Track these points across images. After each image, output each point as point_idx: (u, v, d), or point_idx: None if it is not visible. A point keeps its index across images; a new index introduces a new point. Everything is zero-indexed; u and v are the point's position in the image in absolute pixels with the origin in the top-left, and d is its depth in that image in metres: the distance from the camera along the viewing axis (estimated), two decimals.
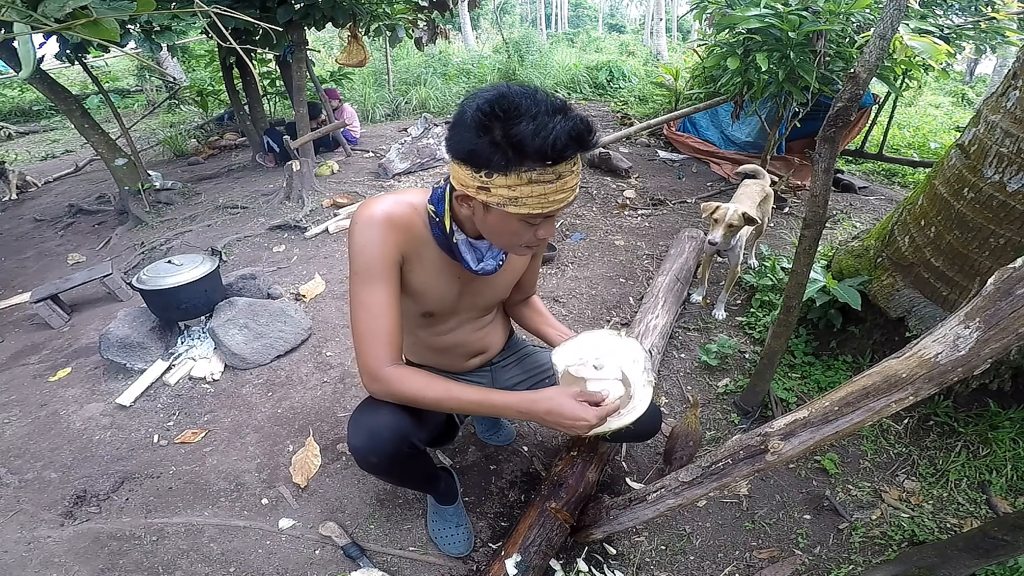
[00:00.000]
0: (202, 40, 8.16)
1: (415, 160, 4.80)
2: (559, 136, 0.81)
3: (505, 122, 0.82)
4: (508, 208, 0.89)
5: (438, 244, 1.11)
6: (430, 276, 1.14)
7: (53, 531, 1.63)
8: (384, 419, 1.14)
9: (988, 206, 1.68)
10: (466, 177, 0.90)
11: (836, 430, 1.06)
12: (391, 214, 1.04)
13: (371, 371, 1.07)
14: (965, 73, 11.79)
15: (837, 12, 3.01)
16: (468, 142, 0.85)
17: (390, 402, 1.13)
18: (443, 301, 1.21)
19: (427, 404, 1.08)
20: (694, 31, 11.90)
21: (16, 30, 0.76)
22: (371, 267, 1.04)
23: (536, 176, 0.85)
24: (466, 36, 13.71)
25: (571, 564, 1.51)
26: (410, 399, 1.08)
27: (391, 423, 1.14)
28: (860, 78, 1.29)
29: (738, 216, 2.22)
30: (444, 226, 1.07)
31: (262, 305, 2.45)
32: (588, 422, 1.00)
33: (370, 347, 1.06)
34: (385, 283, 1.05)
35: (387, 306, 1.05)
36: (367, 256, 1.03)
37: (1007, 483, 1.70)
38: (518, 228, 0.95)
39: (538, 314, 1.48)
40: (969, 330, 0.91)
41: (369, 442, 1.13)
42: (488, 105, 0.83)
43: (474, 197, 0.92)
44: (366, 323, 1.05)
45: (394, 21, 5.04)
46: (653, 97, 7.05)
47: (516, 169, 0.84)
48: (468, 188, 0.92)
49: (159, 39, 3.22)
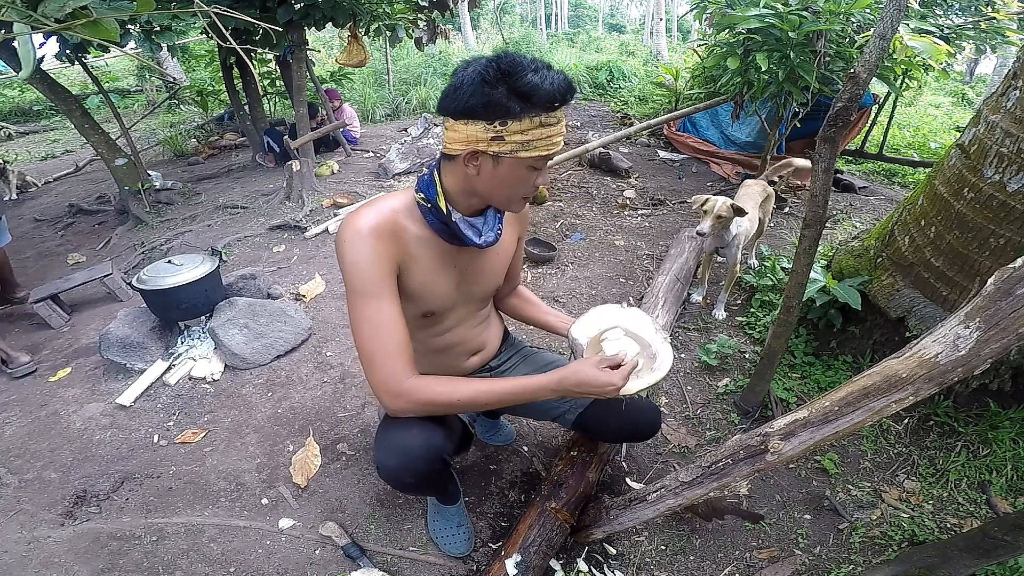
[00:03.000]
0: (202, 40, 8.16)
1: (415, 160, 4.80)
2: (559, 84, 0.93)
3: (513, 76, 0.91)
4: (520, 153, 0.97)
5: (434, 231, 1.11)
6: (428, 274, 1.14)
7: (53, 531, 1.63)
8: (417, 438, 1.14)
9: (988, 206, 1.68)
10: (478, 131, 0.95)
11: (836, 430, 1.06)
12: (376, 225, 1.04)
13: (391, 389, 1.05)
14: (965, 73, 11.80)
15: (837, 12, 3.01)
16: (482, 96, 0.92)
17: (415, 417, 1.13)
18: (443, 296, 1.20)
19: (460, 406, 1.08)
20: (694, 31, 11.91)
21: (16, 30, 0.76)
22: (368, 283, 1.03)
23: (543, 120, 0.95)
24: (466, 36, 13.71)
25: (571, 564, 1.51)
26: (441, 405, 1.07)
27: (424, 441, 1.14)
28: (860, 78, 1.30)
29: (727, 207, 2.23)
30: (440, 208, 1.07)
31: (262, 305, 2.45)
32: (615, 385, 1.06)
33: (384, 364, 1.04)
34: (385, 297, 1.04)
35: (392, 319, 1.04)
36: (362, 273, 1.02)
37: (1007, 483, 1.70)
38: (525, 175, 1.02)
39: (531, 304, 1.51)
40: (969, 330, 0.91)
41: (405, 462, 1.13)
42: (494, 64, 0.92)
43: (485, 151, 0.97)
44: (374, 340, 1.04)
45: (394, 21, 5.04)
46: (653, 97, 7.05)
47: (528, 115, 0.94)
48: (480, 143, 0.96)
49: (159, 39, 3.22)
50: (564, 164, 4.63)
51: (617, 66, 8.54)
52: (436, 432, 1.17)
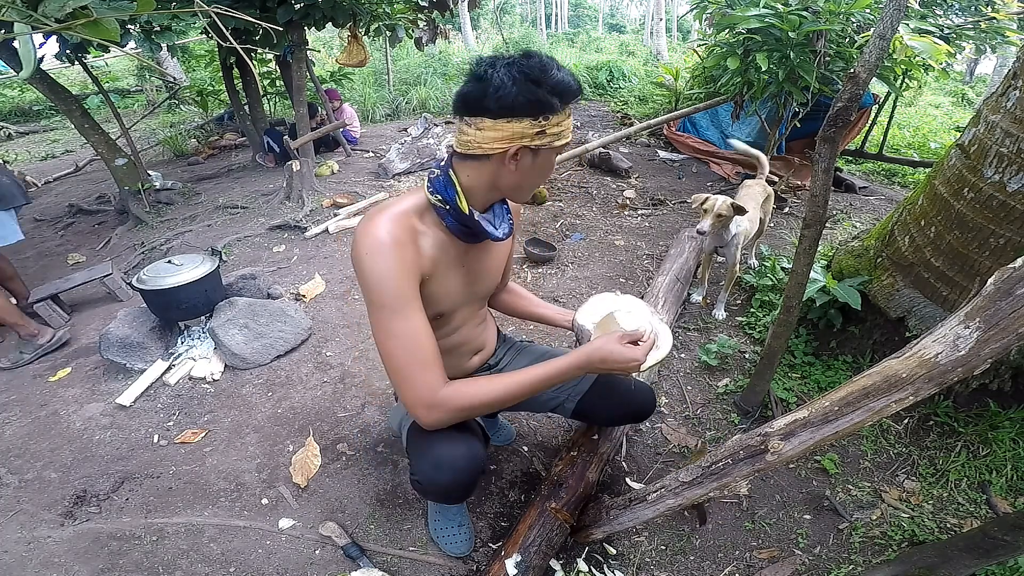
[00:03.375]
0: (202, 40, 8.16)
1: (415, 160, 4.80)
2: (575, 79, 1.01)
3: (546, 74, 0.96)
4: (555, 143, 1.02)
5: (451, 232, 1.11)
6: (442, 276, 1.14)
7: (53, 531, 1.63)
8: (460, 449, 1.16)
9: (988, 206, 1.68)
10: (523, 128, 0.98)
11: (836, 430, 1.06)
12: (397, 235, 1.02)
13: (426, 400, 1.04)
14: (965, 73, 11.80)
15: (837, 12, 3.01)
16: (530, 94, 0.95)
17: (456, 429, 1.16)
18: (454, 296, 1.20)
19: (496, 405, 1.09)
20: (694, 31, 11.91)
21: (16, 30, 0.76)
22: (394, 298, 1.01)
23: (567, 110, 1.02)
24: (466, 36, 13.72)
25: (571, 564, 1.51)
26: (478, 408, 1.08)
27: (468, 452, 1.17)
28: (860, 78, 1.30)
29: (727, 206, 2.24)
30: (459, 209, 1.06)
31: (262, 305, 2.45)
32: (639, 359, 1.11)
33: (418, 377, 1.03)
34: (412, 308, 1.03)
35: (422, 331, 1.03)
36: (387, 287, 1.00)
37: (1007, 483, 1.70)
38: (552, 162, 1.08)
39: (524, 298, 1.55)
40: (969, 330, 0.91)
41: (456, 477, 1.15)
42: (529, 63, 0.96)
43: (528, 146, 1.00)
44: (406, 354, 1.02)
45: (394, 21, 5.04)
46: (653, 97, 7.05)
47: (561, 108, 1.00)
48: (524, 138, 0.99)
49: (159, 39, 3.22)
50: (564, 164, 4.63)
51: (617, 66, 8.54)
52: (475, 441, 1.20)
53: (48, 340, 2.54)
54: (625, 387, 1.49)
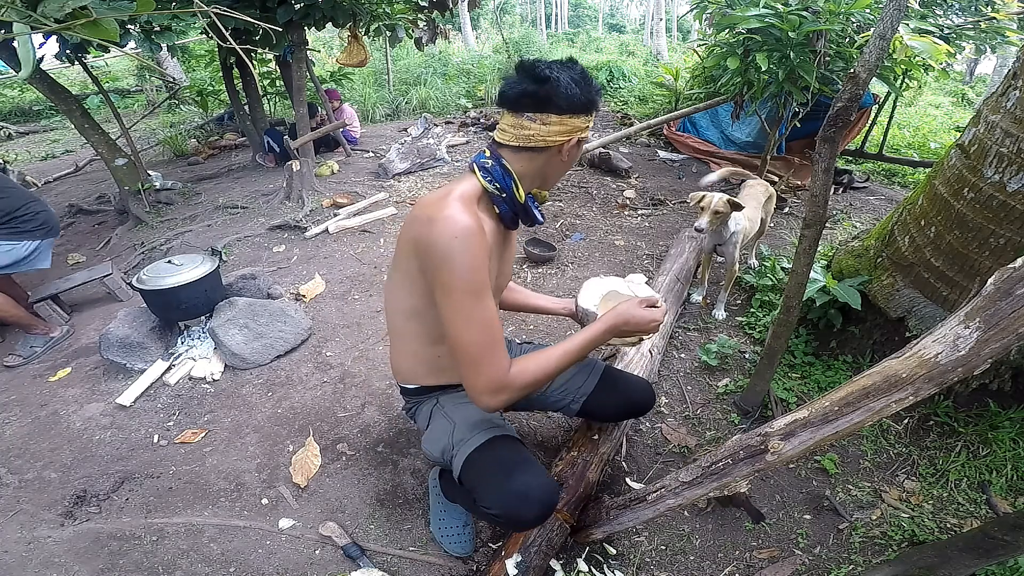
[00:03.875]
0: (202, 40, 8.16)
1: (415, 160, 4.80)
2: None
3: (590, 79, 1.11)
4: (586, 134, 1.14)
5: (501, 218, 1.18)
6: (494, 262, 1.20)
7: (53, 531, 1.63)
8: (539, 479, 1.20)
9: (988, 206, 1.68)
10: (580, 123, 1.11)
11: (836, 430, 1.06)
12: (475, 220, 1.06)
13: (497, 383, 1.08)
14: (965, 73, 11.79)
15: (837, 12, 3.01)
16: (585, 94, 1.08)
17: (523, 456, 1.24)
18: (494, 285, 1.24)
19: (549, 379, 1.15)
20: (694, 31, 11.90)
21: (16, 30, 0.76)
22: (480, 283, 1.05)
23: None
24: (466, 36, 13.71)
25: (571, 564, 1.51)
26: (538, 383, 1.13)
27: (547, 482, 1.21)
28: (860, 78, 1.29)
29: (723, 203, 2.25)
30: (515, 196, 1.14)
31: (262, 305, 2.45)
32: (659, 320, 1.23)
33: (492, 360, 1.07)
34: (489, 293, 1.08)
35: (495, 315, 1.10)
36: (475, 272, 1.04)
37: (1007, 483, 1.70)
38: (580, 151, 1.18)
39: (518, 291, 1.61)
40: (969, 330, 0.91)
41: (541, 510, 1.18)
42: (581, 71, 1.10)
43: (578, 137, 1.12)
44: (484, 338, 1.06)
45: (394, 21, 5.04)
46: (653, 97, 7.05)
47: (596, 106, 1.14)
48: (580, 132, 1.12)
49: (159, 39, 3.22)
50: None
51: (617, 66, 8.53)
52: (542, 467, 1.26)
53: (60, 334, 2.64)
54: (626, 384, 1.55)
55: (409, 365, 1.36)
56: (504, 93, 1.09)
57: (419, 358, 1.33)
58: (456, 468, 1.27)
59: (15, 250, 2.51)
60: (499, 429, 1.31)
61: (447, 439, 1.31)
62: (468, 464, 1.25)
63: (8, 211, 2.47)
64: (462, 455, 1.26)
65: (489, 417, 1.35)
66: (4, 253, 2.49)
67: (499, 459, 1.23)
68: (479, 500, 1.22)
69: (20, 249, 2.52)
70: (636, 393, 1.55)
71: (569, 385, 1.53)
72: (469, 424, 1.32)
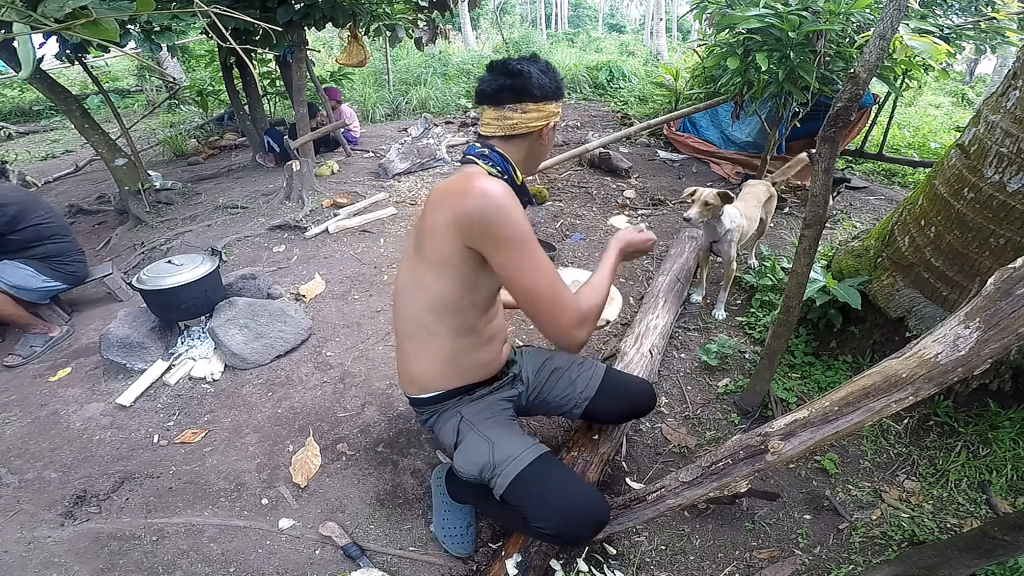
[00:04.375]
0: (202, 40, 8.15)
1: (415, 160, 4.79)
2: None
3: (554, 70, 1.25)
4: (558, 118, 1.28)
5: None
6: None
7: (53, 531, 1.63)
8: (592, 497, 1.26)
9: (988, 206, 1.68)
10: (552, 108, 1.25)
11: (836, 430, 1.06)
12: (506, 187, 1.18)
13: (579, 314, 1.17)
14: (965, 73, 11.79)
15: (837, 12, 3.01)
16: (553, 82, 1.23)
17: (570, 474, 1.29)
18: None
19: (603, 300, 1.26)
20: (694, 31, 11.90)
21: (16, 30, 0.76)
22: (530, 234, 1.14)
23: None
24: (466, 36, 13.71)
25: (571, 564, 1.51)
26: (600, 307, 1.24)
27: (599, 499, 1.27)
28: (860, 78, 1.30)
29: (713, 195, 2.29)
30: (515, 179, 1.25)
31: (262, 305, 2.45)
32: (653, 238, 1.44)
33: (568, 297, 1.16)
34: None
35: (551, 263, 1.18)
36: (525, 226, 1.13)
37: (1007, 483, 1.70)
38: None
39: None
40: (969, 330, 0.91)
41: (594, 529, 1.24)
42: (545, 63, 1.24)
43: (553, 121, 1.26)
44: (554, 279, 1.15)
45: (394, 21, 5.04)
46: (653, 97, 7.05)
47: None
48: (552, 116, 1.25)
49: (159, 39, 3.22)
50: (564, 164, 4.63)
51: (617, 66, 8.53)
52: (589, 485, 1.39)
53: (59, 333, 2.66)
54: (627, 386, 1.57)
55: (435, 367, 1.32)
56: (484, 91, 1.22)
57: (447, 354, 1.30)
58: (500, 488, 1.26)
59: (36, 280, 2.61)
60: (538, 447, 1.31)
61: (487, 458, 1.29)
62: (516, 484, 1.24)
63: (58, 253, 2.68)
64: (508, 476, 1.25)
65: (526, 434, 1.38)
66: (26, 276, 2.59)
67: (550, 479, 1.25)
68: (531, 519, 1.22)
69: (39, 281, 2.63)
70: (638, 395, 1.56)
71: (571, 390, 1.53)
72: (510, 442, 1.31)
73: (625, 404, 1.55)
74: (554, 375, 1.55)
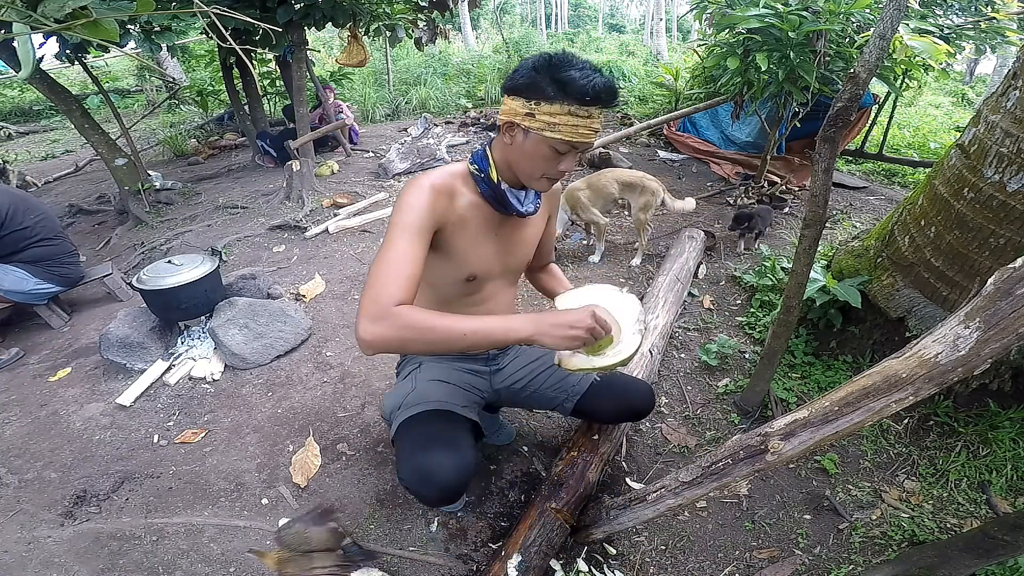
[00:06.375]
0: (202, 40, 8.16)
1: (415, 160, 4.80)
2: (597, 84, 1.05)
3: (558, 67, 1.05)
4: (545, 132, 1.08)
5: (484, 198, 1.22)
6: (474, 236, 1.23)
7: (53, 531, 1.63)
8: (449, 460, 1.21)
9: (988, 206, 1.68)
10: (517, 106, 1.09)
11: (836, 430, 1.06)
12: (436, 184, 1.14)
13: (381, 308, 0.98)
14: (965, 73, 11.79)
15: (837, 12, 3.01)
16: (527, 77, 1.07)
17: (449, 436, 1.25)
18: (484, 261, 1.28)
19: (435, 337, 1.00)
20: (694, 31, 11.90)
21: (16, 30, 0.76)
22: (409, 220, 1.09)
23: (573, 110, 1.06)
24: (466, 36, 13.71)
25: (571, 564, 1.51)
26: (417, 332, 0.99)
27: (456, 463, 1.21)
28: (860, 78, 1.29)
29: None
30: (491, 178, 1.19)
31: (262, 305, 2.45)
32: (587, 323, 1.04)
33: (385, 285, 1.00)
34: (416, 238, 1.09)
35: (412, 256, 1.06)
36: (407, 212, 1.10)
37: (1007, 483, 1.69)
38: (548, 154, 1.12)
39: (555, 278, 1.60)
40: (969, 330, 0.91)
41: (439, 493, 1.20)
42: (548, 55, 1.07)
43: (519, 124, 1.10)
44: (388, 267, 1.03)
45: (394, 21, 5.04)
46: (653, 97, 7.05)
47: (560, 101, 1.05)
48: (516, 116, 1.10)
49: (159, 39, 3.22)
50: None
51: (617, 66, 8.54)
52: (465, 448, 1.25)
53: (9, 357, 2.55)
54: (624, 386, 1.54)
55: None
56: None
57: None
58: (392, 431, 1.33)
59: (27, 283, 2.59)
60: (448, 406, 1.33)
61: (400, 399, 1.37)
62: (399, 431, 1.30)
63: (49, 255, 2.64)
64: (399, 420, 1.31)
65: (449, 391, 1.39)
66: (17, 279, 2.56)
67: (423, 433, 1.26)
68: (397, 464, 1.26)
69: (31, 284, 2.60)
70: (635, 396, 1.52)
71: (564, 383, 1.52)
72: (425, 393, 1.36)
73: (621, 404, 1.52)
74: (548, 368, 1.53)
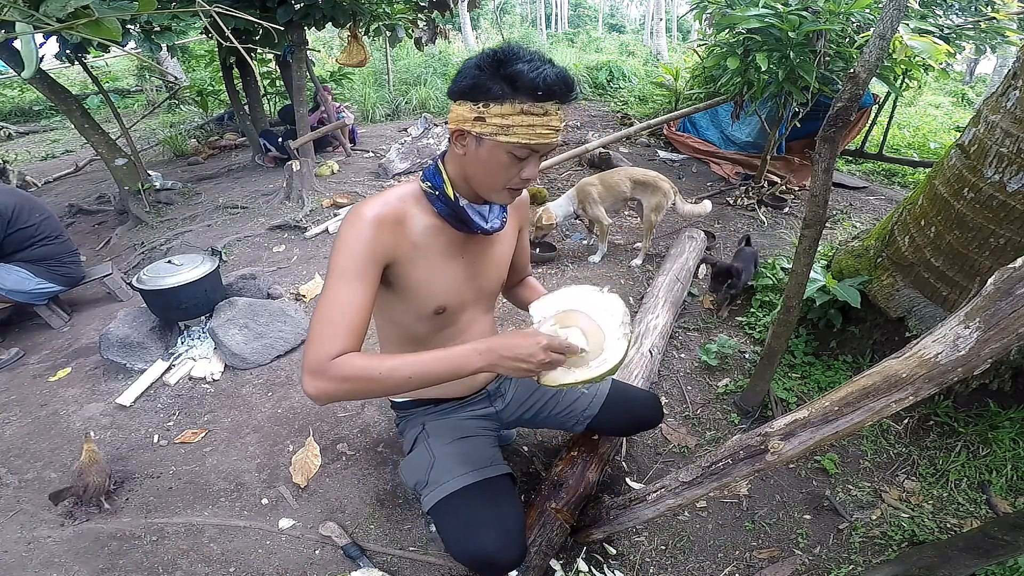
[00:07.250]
0: (202, 40, 8.16)
1: (415, 160, 4.80)
2: (548, 76, 0.93)
3: (504, 62, 0.94)
4: (500, 137, 0.96)
5: (443, 218, 1.10)
6: (435, 262, 1.12)
7: (53, 531, 1.63)
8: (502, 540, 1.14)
9: (988, 206, 1.68)
10: (465, 111, 0.98)
11: (836, 430, 1.06)
12: (380, 215, 1.02)
13: (316, 364, 0.93)
14: (965, 73, 11.79)
15: (837, 12, 3.01)
16: (471, 78, 0.96)
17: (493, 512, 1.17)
18: (452, 289, 1.17)
19: (380, 382, 0.94)
20: (694, 31, 11.89)
21: (18, 30, 0.76)
22: (349, 265, 0.99)
23: (527, 108, 0.95)
24: (466, 36, 13.70)
25: (571, 564, 1.51)
26: (365, 383, 0.94)
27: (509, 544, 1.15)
28: (860, 78, 1.30)
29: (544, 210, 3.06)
30: (447, 195, 1.07)
31: (262, 305, 2.45)
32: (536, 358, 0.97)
33: (322, 340, 0.94)
34: (358, 281, 0.99)
35: (354, 302, 0.97)
36: (346, 255, 0.99)
37: (1007, 483, 1.70)
38: (507, 161, 1.00)
39: (530, 289, 1.47)
40: (969, 330, 0.91)
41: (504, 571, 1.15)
42: (492, 51, 0.96)
43: (469, 131, 0.98)
44: (327, 317, 0.96)
45: (394, 21, 5.04)
46: (653, 97, 7.05)
47: (511, 99, 0.94)
48: (465, 122, 0.98)
49: (159, 39, 3.22)
50: (564, 164, 4.63)
51: (617, 66, 8.54)
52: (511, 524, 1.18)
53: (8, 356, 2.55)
54: (633, 402, 1.53)
55: None
56: None
57: None
58: (425, 507, 1.24)
59: (29, 283, 2.59)
60: (477, 473, 1.24)
61: (423, 475, 1.26)
62: (438, 509, 1.21)
63: (51, 255, 2.64)
64: (433, 498, 1.22)
65: (471, 452, 1.29)
66: (19, 279, 2.56)
67: (466, 515, 1.18)
68: (447, 545, 1.22)
69: (32, 284, 2.59)
70: (643, 411, 1.52)
71: (574, 407, 1.48)
72: (448, 464, 1.26)
73: (630, 420, 1.52)
74: (554, 395, 1.48)
